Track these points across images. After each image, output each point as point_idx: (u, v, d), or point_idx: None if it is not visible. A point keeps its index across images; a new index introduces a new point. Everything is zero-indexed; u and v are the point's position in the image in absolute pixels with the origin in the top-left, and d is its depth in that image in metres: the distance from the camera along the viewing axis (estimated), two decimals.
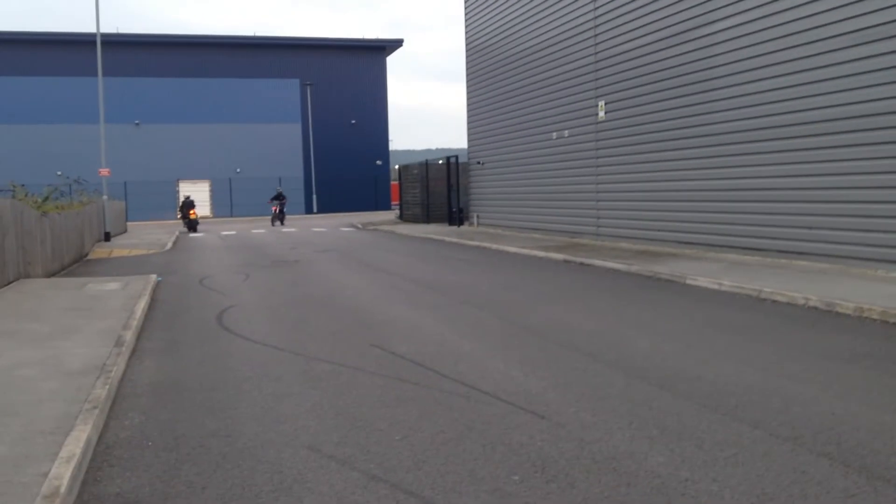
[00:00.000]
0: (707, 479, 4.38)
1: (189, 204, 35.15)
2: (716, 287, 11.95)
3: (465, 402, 5.98)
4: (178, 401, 6.31)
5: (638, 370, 6.89)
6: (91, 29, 38.93)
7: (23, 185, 17.54)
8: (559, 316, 9.98)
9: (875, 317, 9.14)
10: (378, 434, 5.30)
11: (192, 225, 34.40)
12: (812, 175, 13.42)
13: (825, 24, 12.93)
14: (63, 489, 4.18)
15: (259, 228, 35.53)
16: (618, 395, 6.11)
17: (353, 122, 54.89)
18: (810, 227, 13.42)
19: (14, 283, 13.10)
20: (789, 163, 13.91)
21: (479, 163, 28.83)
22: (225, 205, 52.25)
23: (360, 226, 35.27)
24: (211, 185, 52.38)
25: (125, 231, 34.15)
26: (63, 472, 4.39)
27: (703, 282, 12.35)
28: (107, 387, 6.25)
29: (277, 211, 38.12)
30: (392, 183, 55.04)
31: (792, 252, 13.82)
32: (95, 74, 28.86)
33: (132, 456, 5.03)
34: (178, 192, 51.58)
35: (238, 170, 52.05)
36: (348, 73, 55.06)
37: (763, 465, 4.55)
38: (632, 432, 5.19)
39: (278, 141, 52.99)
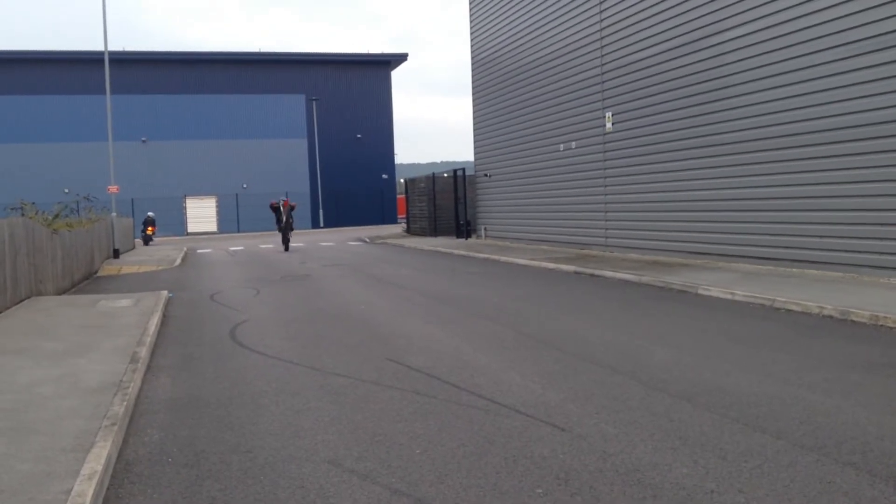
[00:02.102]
0: (733, 490, 4.35)
1: (149, 221, 39.52)
2: (729, 297, 11.91)
3: (485, 416, 5.96)
4: (196, 416, 6.30)
5: (656, 381, 6.86)
6: (98, 47, 39.13)
7: (33, 203, 17.60)
8: (573, 327, 9.95)
9: (891, 325, 9.10)
10: (398, 448, 5.28)
11: (146, 239, 38.86)
12: (824, 184, 13.39)
13: (841, 31, 12.94)
14: None
15: (267, 244, 35.58)
16: (638, 406, 6.08)
17: (359, 136, 55.05)
18: (821, 237, 13.38)
19: (26, 301, 13.13)
20: (801, 171, 13.89)
21: (486, 175, 28.86)
22: (231, 220, 52.35)
23: (367, 240, 35.31)
24: (217, 201, 52.51)
25: (133, 248, 34.24)
26: (86, 490, 4.38)
27: (715, 292, 12.32)
28: (124, 403, 6.24)
29: (283, 225, 28.52)
30: (398, 196, 55.11)
31: (804, 261, 13.78)
32: (103, 92, 29.03)
33: (153, 473, 5.02)
34: (184, 208, 51.74)
35: (245, 185, 52.19)
36: (353, 87, 55.28)
37: (788, 476, 4.52)
38: (654, 444, 5.17)
39: (284, 156, 53.15)
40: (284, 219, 28.42)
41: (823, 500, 4.15)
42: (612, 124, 19.81)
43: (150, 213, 40.49)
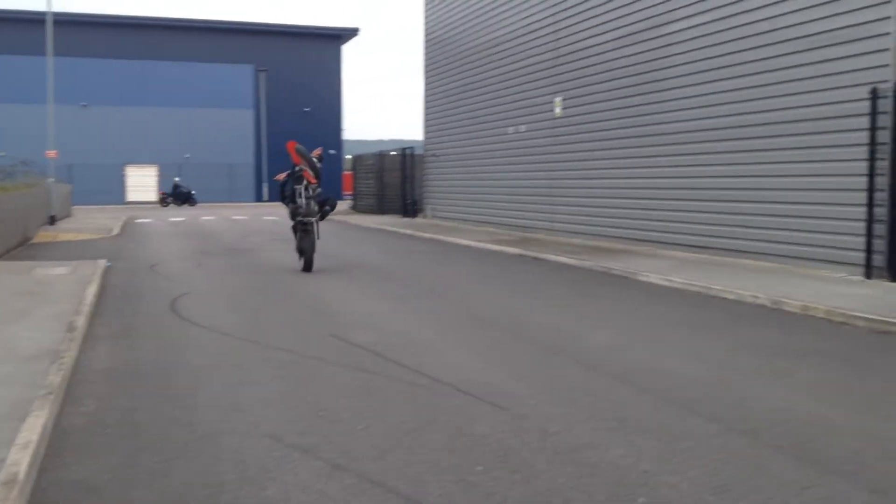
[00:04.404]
0: (666, 471, 4.48)
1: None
2: (667, 283, 12.16)
3: (427, 393, 6.01)
4: (135, 388, 6.22)
5: (596, 363, 7.00)
6: (40, 7, 37.85)
7: None
8: (517, 309, 10.07)
9: (820, 315, 9.40)
10: (341, 424, 5.31)
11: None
12: (759, 176, 13.72)
13: (777, 29, 13.22)
14: (21, 476, 4.10)
15: (209, 216, 35.03)
16: (577, 387, 6.20)
17: (307, 109, 54.40)
18: (756, 227, 13.71)
19: None
20: (738, 163, 14.20)
21: (434, 155, 28.85)
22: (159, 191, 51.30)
23: None
24: (159, 171, 51.43)
25: (70, 215, 33.41)
26: (21, 459, 4.31)
27: (653, 278, 12.56)
28: (61, 372, 6.13)
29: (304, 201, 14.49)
30: (345, 173, 54.71)
31: (738, 251, 14.13)
32: (43, 53, 28.16)
33: (90, 443, 4.96)
34: (125, 176, 50.58)
35: (187, 155, 51.19)
36: (303, 60, 54.53)
37: (720, 458, 4.67)
38: (592, 424, 5.28)
39: (230, 127, 52.23)
40: (308, 192, 13.58)
41: (753, 482, 4.30)
42: (562, 110, 19.96)
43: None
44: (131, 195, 50.64)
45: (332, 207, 14.11)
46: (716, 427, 5.23)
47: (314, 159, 13.70)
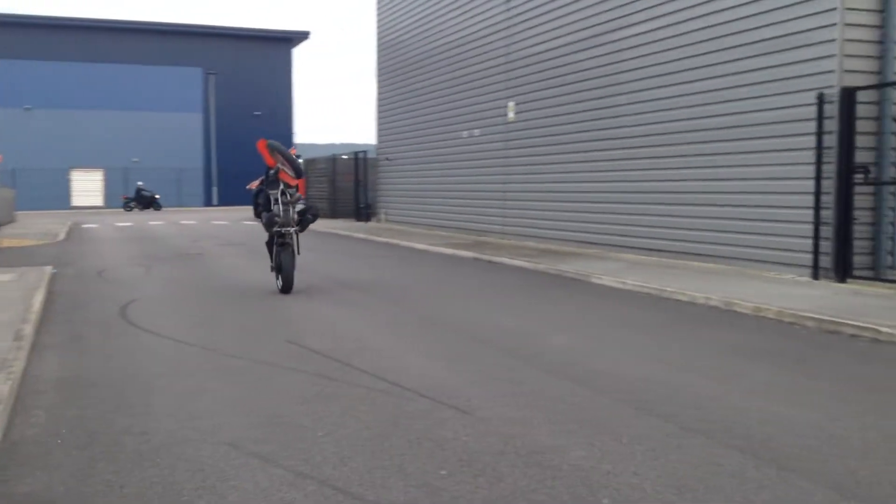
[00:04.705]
0: (627, 472, 4.50)
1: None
2: (620, 286, 12.28)
3: (388, 398, 5.97)
4: (87, 397, 6.07)
5: (554, 366, 7.03)
6: None
7: None
8: (474, 312, 10.07)
9: (771, 316, 9.58)
10: (300, 431, 5.24)
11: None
12: (710, 179, 13.94)
13: (726, 35, 13.45)
14: None
15: (157, 220, 34.45)
16: (537, 390, 6.21)
17: (257, 113, 53.86)
18: (706, 230, 13.92)
19: None
20: (689, 167, 14.42)
21: (387, 159, 28.77)
22: (119, 195, 50.37)
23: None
24: (105, 175, 50.46)
25: (14, 221, 32.57)
26: None
27: (607, 280, 12.68)
28: (9, 382, 5.95)
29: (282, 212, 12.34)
30: None
31: (689, 253, 14.33)
32: None
33: (42, 454, 4.81)
34: (69, 180, 49.51)
35: (135, 159, 50.30)
36: (253, 63, 54.01)
37: (679, 458, 4.71)
38: (553, 426, 5.29)
39: (178, 131, 51.45)
40: (285, 198, 11.70)
41: (712, 481, 4.35)
42: (515, 114, 20.06)
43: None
44: (77, 200, 49.59)
45: (315, 216, 12.13)
46: (674, 427, 5.28)
47: (293, 155, 11.81)
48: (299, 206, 11.78)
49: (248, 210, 46.72)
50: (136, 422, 5.44)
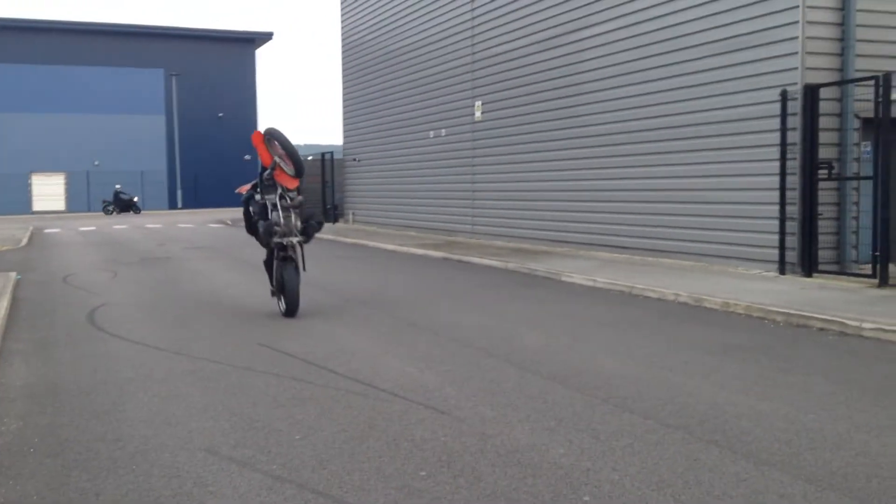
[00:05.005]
0: (607, 468, 4.53)
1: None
2: (590, 284, 12.35)
3: (364, 400, 5.94)
4: (57, 405, 5.96)
5: (530, 364, 7.04)
6: None
7: None
8: (446, 312, 10.06)
9: (740, 311, 9.70)
10: (277, 434, 5.19)
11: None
12: (677, 177, 14.08)
13: (690, 34, 13.60)
14: None
15: (121, 224, 33.99)
16: (513, 389, 6.23)
17: (221, 115, 53.43)
18: (674, 227, 14.06)
19: None
20: (656, 165, 14.55)
21: (354, 160, 28.67)
22: (82, 199, 49.63)
23: (230, 222, 34.34)
24: (67, 179, 49.70)
25: None
26: None
27: (578, 279, 12.75)
28: None
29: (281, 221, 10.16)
30: None
31: (658, 250, 14.46)
32: None
33: (14, 464, 4.72)
34: (30, 185, 48.69)
35: (97, 162, 49.60)
36: (216, 64, 53.56)
37: (657, 454, 4.75)
38: (531, 425, 5.31)
39: (141, 133, 50.77)
40: (285, 202, 9.85)
41: (690, 476, 4.39)
42: (482, 114, 20.09)
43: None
44: (38, 205, 48.79)
45: (320, 224, 10.04)
46: (651, 423, 5.32)
47: (292, 145, 9.76)
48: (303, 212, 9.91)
49: (215, 213, 46.09)
50: (110, 428, 5.36)
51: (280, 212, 9.62)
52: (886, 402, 5.85)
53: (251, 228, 10.18)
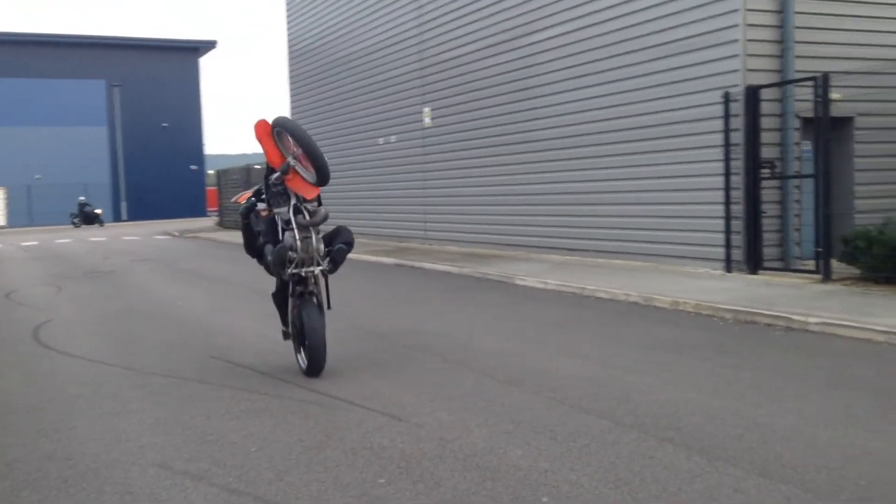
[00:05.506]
0: (565, 468, 4.56)
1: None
2: (543, 286, 12.44)
3: (320, 410, 5.90)
4: (4, 424, 5.80)
5: (486, 368, 7.06)
6: None
7: None
8: (399, 318, 10.04)
9: (690, 309, 9.85)
10: (232, 447, 5.12)
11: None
12: (626, 179, 14.25)
13: (635, 37, 13.79)
14: None
15: (64, 238, 33.24)
16: (470, 393, 6.23)
17: (165, 125, 52.57)
18: (623, 229, 14.23)
19: None
20: (604, 167, 14.71)
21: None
22: (23, 213, 48.38)
23: (176, 233, 33.84)
24: (6, 193, 48.43)
25: None
26: None
27: (530, 281, 12.83)
28: None
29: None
30: (209, 188, 53.12)
31: (608, 252, 14.62)
32: None
33: None
34: None
35: (38, 176, 48.41)
36: (159, 74, 52.66)
37: (614, 453, 4.79)
38: (488, 429, 5.32)
39: (83, 145, 49.70)
40: (303, 217, 7.10)
41: (647, 474, 4.44)
42: (431, 120, 20.11)
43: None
44: None
45: (349, 246, 7.27)
46: (606, 423, 5.37)
47: (312, 140, 7.00)
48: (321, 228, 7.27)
49: (161, 224, 45.34)
50: (59, 447, 5.23)
51: (296, 231, 7.00)
52: (833, 394, 6.00)
53: (253, 249, 7.83)
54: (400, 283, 13.88)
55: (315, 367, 6.91)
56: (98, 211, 44.29)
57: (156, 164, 52.11)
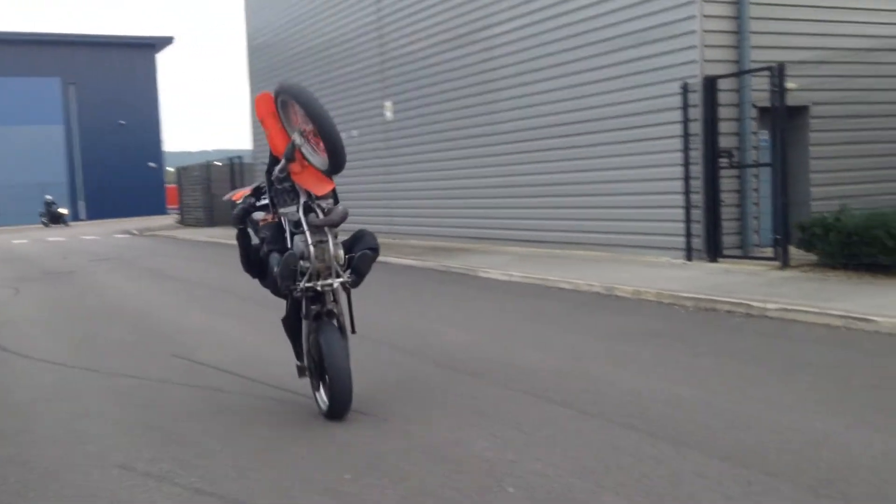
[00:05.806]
0: (531, 458, 4.58)
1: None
2: (506, 278, 12.48)
3: (284, 406, 5.86)
4: None
5: (451, 361, 7.07)
6: None
7: None
8: (365, 312, 9.88)
9: (651, 298, 9.95)
10: (195, 447, 5.07)
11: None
12: (586, 171, 14.33)
13: (593, 30, 13.87)
14: None
15: (21, 239, 32.62)
16: (436, 386, 6.24)
17: (122, 122, 51.74)
18: (585, 220, 14.32)
19: None
20: (566, 159, 14.78)
21: (264, 163, 28.22)
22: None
23: (136, 232, 33.35)
24: None
25: None
26: None
27: (494, 274, 12.87)
28: None
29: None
30: (169, 186, 52.43)
31: (570, 243, 14.70)
32: None
33: None
34: None
35: None
36: (115, 71, 51.78)
37: (578, 442, 4.83)
38: (453, 421, 5.32)
39: (38, 144, 48.67)
40: (315, 217, 5.59)
41: (612, 461, 4.47)
42: (393, 114, 20.05)
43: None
44: None
45: (375, 252, 6.05)
46: (571, 413, 5.40)
47: (326, 113, 5.57)
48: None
49: (121, 223, 44.77)
50: (19, 451, 5.13)
51: (308, 234, 5.52)
52: (792, 379, 6.10)
53: (250, 264, 6.19)
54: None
55: (339, 408, 5.38)
56: (63, 210, 43.63)
57: (114, 163, 51.28)
